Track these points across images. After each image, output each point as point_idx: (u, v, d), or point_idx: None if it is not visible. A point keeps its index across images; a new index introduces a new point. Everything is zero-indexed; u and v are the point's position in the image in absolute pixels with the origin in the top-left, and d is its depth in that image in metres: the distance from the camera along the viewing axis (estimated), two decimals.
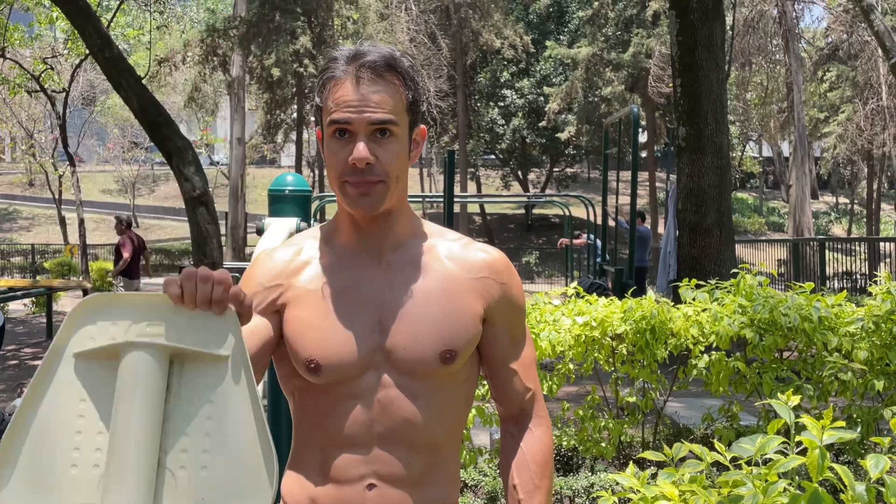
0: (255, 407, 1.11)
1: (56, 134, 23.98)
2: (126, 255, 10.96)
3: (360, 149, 1.28)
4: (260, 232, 2.43)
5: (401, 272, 1.38)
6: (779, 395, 1.92)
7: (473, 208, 31.58)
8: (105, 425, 1.10)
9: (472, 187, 32.38)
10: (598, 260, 11.51)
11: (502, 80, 28.41)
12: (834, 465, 1.58)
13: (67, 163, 18.24)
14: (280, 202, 2.54)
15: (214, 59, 21.52)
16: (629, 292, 4.51)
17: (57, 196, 26.02)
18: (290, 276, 1.40)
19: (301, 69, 21.34)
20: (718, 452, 1.87)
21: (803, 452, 1.64)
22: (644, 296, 4.16)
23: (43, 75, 16.85)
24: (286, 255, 1.43)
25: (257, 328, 1.35)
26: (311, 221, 2.52)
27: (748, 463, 1.77)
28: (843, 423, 1.65)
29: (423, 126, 1.40)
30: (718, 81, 8.30)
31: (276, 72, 20.75)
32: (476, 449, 4.03)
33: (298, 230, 2.40)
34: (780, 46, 22.55)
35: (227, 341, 1.12)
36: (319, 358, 1.33)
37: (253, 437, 1.10)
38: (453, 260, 1.41)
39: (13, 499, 1.08)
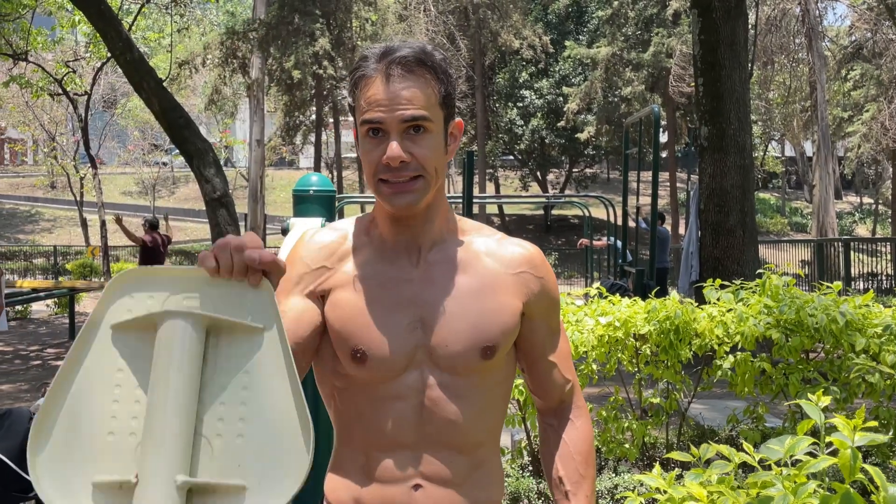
0: (292, 377, 1.11)
1: (78, 136, 24.24)
2: (146, 238, 11.06)
3: (393, 148, 1.26)
4: (285, 232, 2.43)
5: (439, 270, 1.38)
6: (808, 395, 1.90)
7: (492, 209, 31.54)
8: (142, 394, 1.10)
9: (490, 188, 32.35)
10: (620, 261, 11.44)
11: (521, 81, 28.35)
12: (866, 466, 1.55)
13: (89, 165, 18.41)
14: (305, 202, 2.54)
15: (234, 61, 21.64)
16: (653, 293, 4.47)
17: (78, 198, 26.30)
18: (336, 260, 1.39)
19: (320, 71, 21.43)
20: (746, 453, 1.85)
21: (833, 454, 1.62)
22: (667, 296, 4.13)
23: (65, 78, 17.02)
24: (332, 237, 1.42)
25: (305, 312, 1.35)
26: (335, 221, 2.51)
27: (777, 464, 1.75)
28: (875, 424, 1.61)
29: (459, 119, 1.38)
30: (741, 80, 8.23)
31: (296, 74, 20.85)
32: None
33: None
34: (802, 45, 22.33)
35: (264, 313, 1.13)
36: (366, 347, 1.33)
37: (289, 406, 1.10)
38: (491, 256, 1.41)
39: (49, 467, 1.08)
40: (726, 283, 4.18)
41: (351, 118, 1.37)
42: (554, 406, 1.50)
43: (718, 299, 3.97)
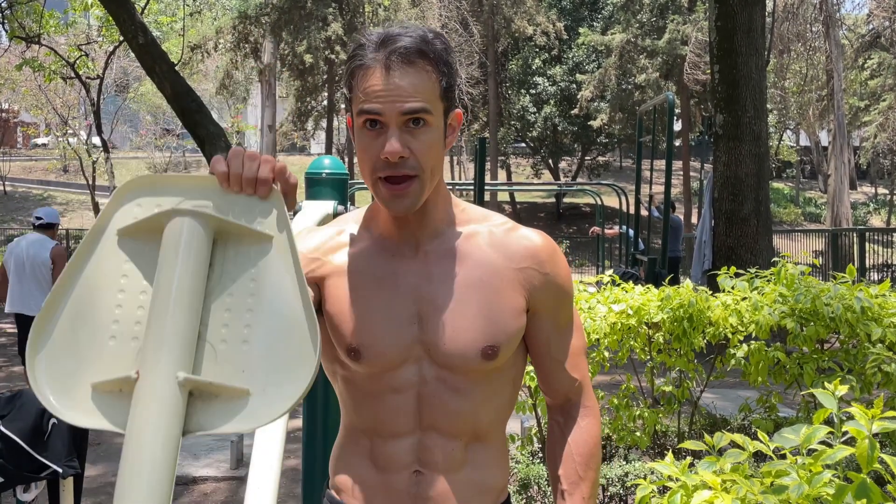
0: (301, 284, 1.09)
1: (90, 120, 24.30)
2: None
3: (393, 143, 1.23)
4: (294, 213, 2.41)
5: (439, 263, 1.35)
6: (825, 384, 1.87)
7: (503, 197, 31.45)
8: (146, 299, 1.08)
9: (502, 175, 32.24)
10: (632, 249, 11.38)
11: (534, 68, 28.19)
12: (883, 456, 1.53)
13: (101, 149, 18.47)
14: (317, 185, 2.52)
15: (246, 46, 21.64)
16: (666, 280, 4.44)
17: (91, 182, 26.40)
18: (328, 252, 1.38)
19: (332, 56, 21.37)
20: (761, 442, 1.83)
21: (848, 443, 1.61)
22: (680, 284, 4.09)
23: (77, 62, 17.03)
24: (327, 233, 1.42)
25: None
26: (348, 205, 2.49)
27: (791, 453, 1.73)
28: (893, 413, 1.59)
29: (458, 110, 1.35)
30: (758, 68, 8.14)
31: (308, 58, 20.82)
32: (509, 436, 3.99)
33: (335, 213, 2.38)
34: (819, 33, 22.10)
35: (272, 221, 1.11)
36: (360, 345, 1.32)
37: (298, 312, 1.08)
38: (495, 248, 1.36)
39: (47, 368, 1.06)
40: (741, 271, 4.14)
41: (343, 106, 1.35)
42: (560, 403, 1.48)
43: (733, 287, 3.93)
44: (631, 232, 11.68)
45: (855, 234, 12.76)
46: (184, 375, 1.00)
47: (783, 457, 1.79)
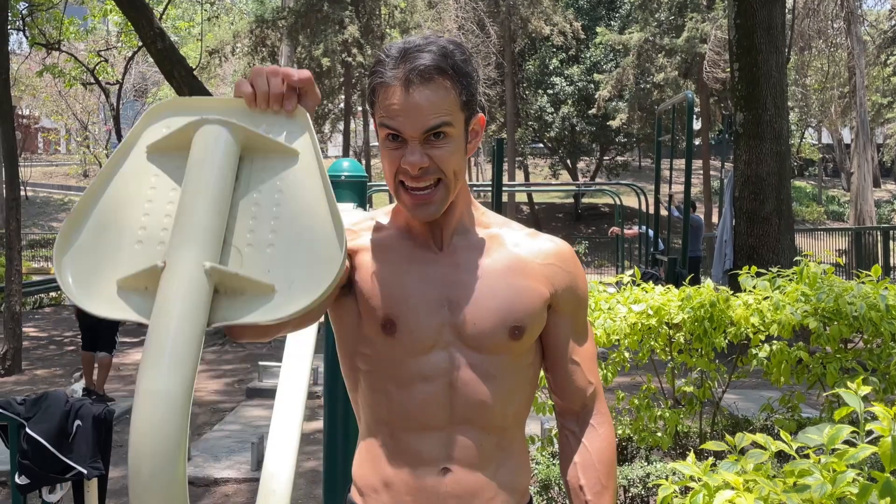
0: (328, 193, 1.11)
1: (110, 125, 24.51)
2: None
3: (412, 158, 1.25)
4: None
5: (466, 255, 1.37)
6: (847, 383, 1.86)
7: (521, 197, 31.38)
8: (174, 201, 1.09)
9: (519, 176, 32.17)
10: (651, 249, 11.32)
11: (551, 68, 28.10)
12: None
13: None
14: (336, 188, 2.51)
15: (263, 49, 21.74)
16: (687, 280, 4.41)
17: None
18: (362, 230, 1.41)
19: (349, 59, 21.43)
20: (784, 441, 1.81)
21: (873, 443, 1.58)
22: (701, 284, 4.06)
23: (97, 68, 17.20)
24: (361, 215, 1.47)
25: None
26: (367, 208, 2.49)
27: (815, 453, 1.71)
28: None
29: (481, 115, 1.35)
30: (778, 65, 8.07)
31: (325, 61, 20.88)
32: (528, 437, 3.98)
33: None
34: (841, 29, 21.86)
35: (299, 137, 1.14)
36: (396, 316, 1.32)
37: (323, 217, 1.10)
38: (519, 247, 1.40)
39: (73, 267, 1.06)
40: (762, 270, 4.10)
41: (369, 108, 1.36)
42: (576, 409, 1.46)
43: (755, 287, 3.90)
44: (651, 232, 11.62)
45: (879, 233, 12.61)
46: (210, 264, 1.00)
47: (806, 457, 1.78)
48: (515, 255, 1.39)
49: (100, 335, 6.74)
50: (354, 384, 1.42)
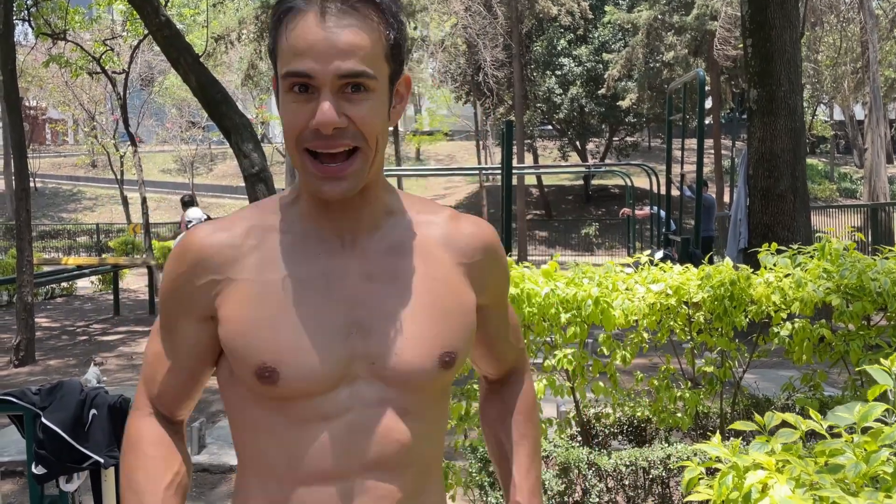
0: None
1: (117, 115, 24.52)
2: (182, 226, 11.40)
3: (325, 109, 0.99)
4: None
5: (381, 261, 1.11)
6: (881, 360, 1.81)
7: (530, 180, 31.26)
8: None
9: (528, 159, 32.04)
10: (664, 229, 11.24)
11: (559, 48, 27.89)
12: None
13: (129, 143, 18.62)
14: None
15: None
16: (706, 259, 4.34)
17: (119, 176, 26.66)
18: (229, 265, 1.09)
19: None
20: (814, 420, 1.77)
21: None
22: (720, 263, 4.00)
23: (103, 57, 17.14)
24: (224, 238, 1.11)
25: (200, 342, 1.12)
26: None
27: (846, 431, 1.67)
28: None
29: (407, 74, 1.12)
30: (792, 40, 7.96)
31: None
32: (546, 420, 3.94)
33: None
34: (853, 4, 21.58)
35: None
36: (276, 363, 1.04)
37: None
38: (442, 241, 1.17)
39: None
40: (782, 248, 4.04)
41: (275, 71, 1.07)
42: (504, 375, 1.38)
43: (775, 265, 3.84)
44: (662, 213, 11.52)
45: (894, 209, 12.49)
46: None
47: (835, 436, 1.74)
48: (440, 256, 1.15)
49: None
50: (235, 415, 1.14)
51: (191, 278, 1.10)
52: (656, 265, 4.04)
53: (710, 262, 4.24)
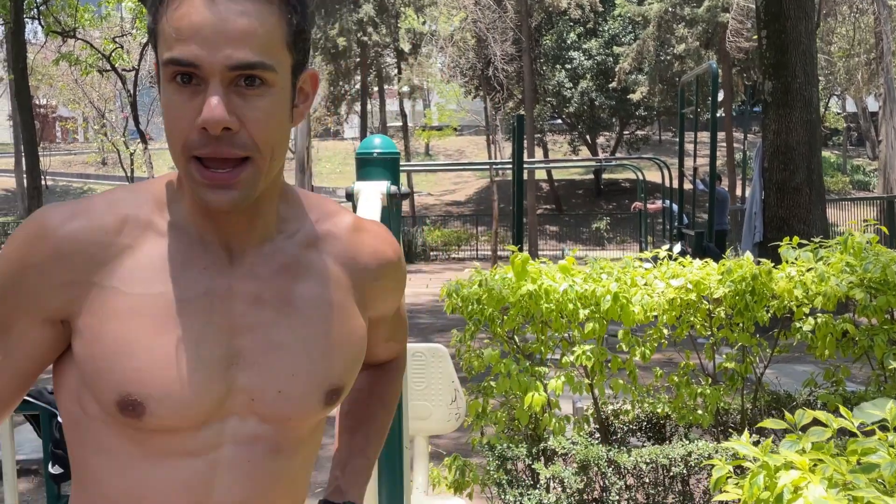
0: None
1: (127, 112, 24.58)
2: None
3: (214, 106, 0.84)
4: (349, 196, 2.31)
5: (271, 281, 0.98)
6: None
7: (541, 174, 31.17)
8: None
9: (538, 153, 31.94)
10: (676, 224, 11.17)
11: (569, 42, 27.77)
12: None
13: (139, 140, 18.65)
14: (368, 165, 2.43)
15: None
16: (727, 253, 4.29)
17: (129, 174, 26.75)
18: (96, 268, 0.92)
19: (365, 38, 21.29)
20: (844, 418, 1.73)
21: None
22: (739, 258, 3.95)
23: (113, 54, 17.17)
24: (91, 231, 0.93)
25: (35, 349, 0.94)
26: (400, 186, 2.40)
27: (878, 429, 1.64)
28: None
29: (313, 70, 0.97)
30: (807, 31, 7.88)
31: (340, 41, 20.77)
32: (563, 417, 3.90)
33: (389, 194, 2.29)
34: None
35: None
36: (144, 397, 0.90)
37: None
38: (342, 259, 1.04)
39: None
40: (804, 241, 3.98)
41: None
42: (381, 363, 1.30)
43: (796, 259, 3.78)
44: (675, 206, 11.45)
45: None
46: None
47: (867, 434, 1.71)
48: (339, 276, 1.02)
49: None
50: (74, 425, 0.97)
51: (43, 273, 0.91)
52: (675, 259, 4.00)
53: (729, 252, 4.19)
